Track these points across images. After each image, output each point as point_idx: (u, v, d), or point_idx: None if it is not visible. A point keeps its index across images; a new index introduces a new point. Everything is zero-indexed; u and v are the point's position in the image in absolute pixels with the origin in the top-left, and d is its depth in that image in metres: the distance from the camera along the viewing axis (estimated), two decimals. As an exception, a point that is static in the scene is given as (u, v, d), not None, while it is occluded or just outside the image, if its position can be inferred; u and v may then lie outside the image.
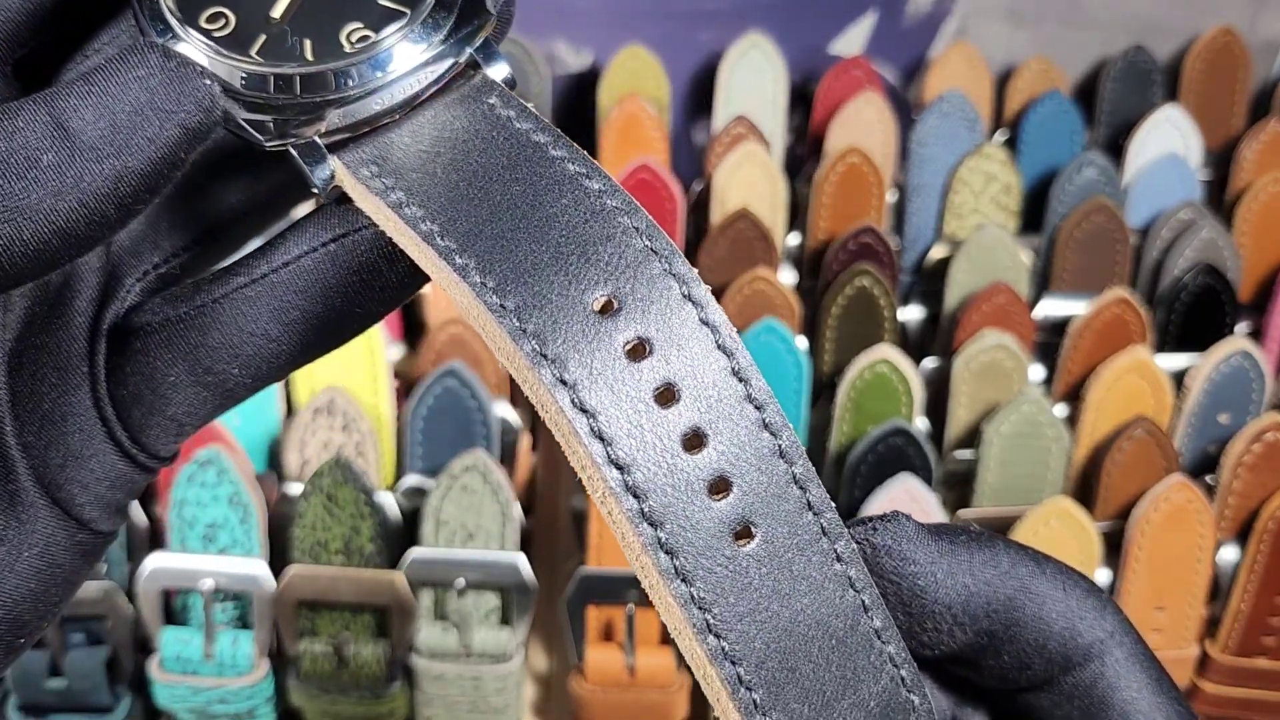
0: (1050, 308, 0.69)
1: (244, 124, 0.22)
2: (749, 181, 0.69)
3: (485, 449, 0.59)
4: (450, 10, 0.23)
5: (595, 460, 0.21)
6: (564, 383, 0.21)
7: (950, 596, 0.23)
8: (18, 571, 0.24)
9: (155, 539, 0.57)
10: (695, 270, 0.22)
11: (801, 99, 0.78)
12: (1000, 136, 0.78)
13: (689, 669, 0.60)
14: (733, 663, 0.21)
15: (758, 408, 0.22)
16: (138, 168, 0.21)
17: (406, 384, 0.63)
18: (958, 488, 0.63)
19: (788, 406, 0.62)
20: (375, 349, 0.61)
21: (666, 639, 0.58)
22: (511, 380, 0.64)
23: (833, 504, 0.22)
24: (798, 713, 0.21)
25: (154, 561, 0.55)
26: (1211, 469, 0.62)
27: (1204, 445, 0.64)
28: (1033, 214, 0.73)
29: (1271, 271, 0.71)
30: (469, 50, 0.23)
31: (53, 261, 0.21)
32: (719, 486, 0.21)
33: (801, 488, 0.22)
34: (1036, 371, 0.67)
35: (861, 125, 0.73)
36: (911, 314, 0.71)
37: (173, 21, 0.23)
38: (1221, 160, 0.77)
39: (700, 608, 0.21)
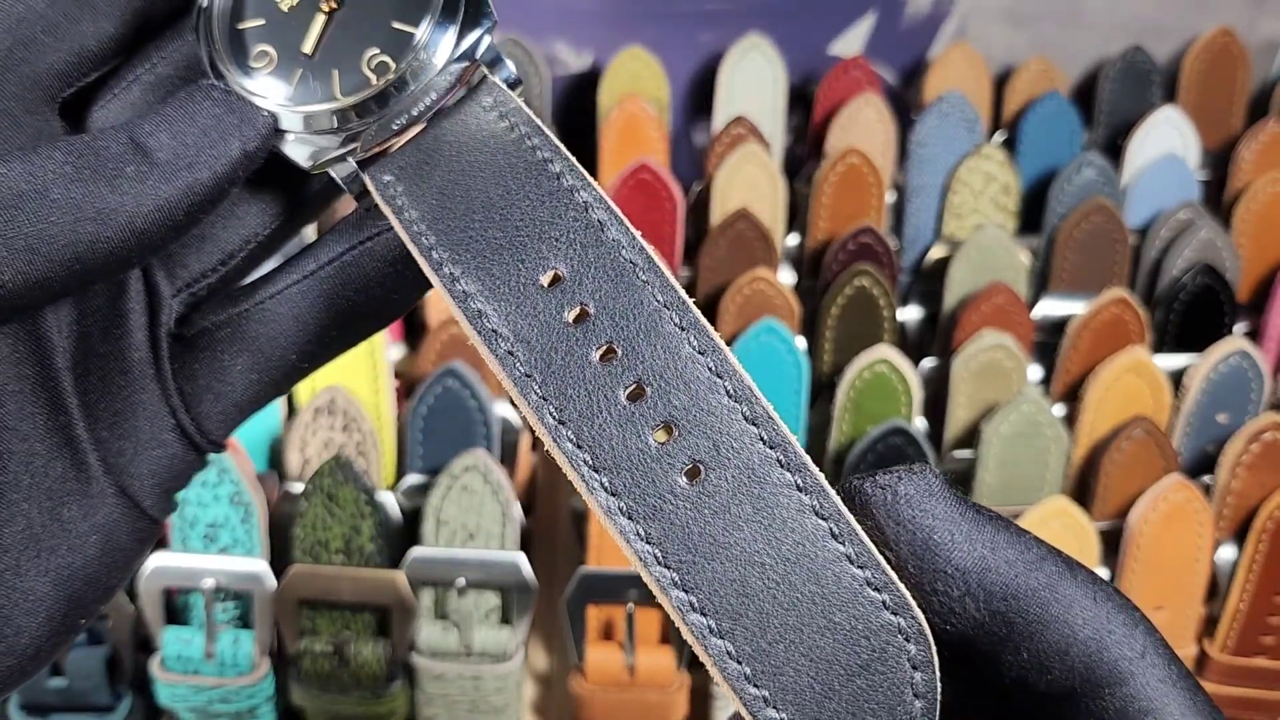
0: (1049, 308, 0.69)
1: (286, 155, 0.26)
2: (749, 182, 0.70)
3: (485, 449, 0.59)
4: (455, 19, 0.26)
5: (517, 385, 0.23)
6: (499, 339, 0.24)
7: (965, 562, 0.23)
8: (85, 555, 0.27)
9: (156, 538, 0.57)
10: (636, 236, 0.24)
11: (801, 99, 0.78)
12: (999, 137, 0.78)
13: (689, 669, 0.61)
14: (684, 591, 0.22)
15: (700, 351, 0.23)
16: (206, 180, 0.24)
17: (407, 384, 0.64)
18: (957, 487, 0.63)
19: (787, 407, 0.62)
20: (376, 349, 0.61)
21: (666, 638, 0.58)
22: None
23: (794, 439, 0.23)
24: (757, 637, 0.22)
25: (155, 561, 0.55)
26: (1210, 469, 0.62)
27: (1202, 445, 0.64)
28: (1032, 214, 0.73)
29: (1270, 272, 0.71)
30: (476, 58, 0.26)
31: (127, 260, 0.24)
32: (665, 429, 0.23)
33: (753, 424, 0.22)
34: (1035, 371, 0.67)
35: (861, 126, 0.73)
36: (911, 314, 0.71)
37: (228, 68, 0.26)
38: (1220, 161, 0.77)
39: (647, 541, 0.22)
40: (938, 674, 0.22)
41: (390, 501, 0.58)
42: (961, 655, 0.24)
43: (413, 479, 0.61)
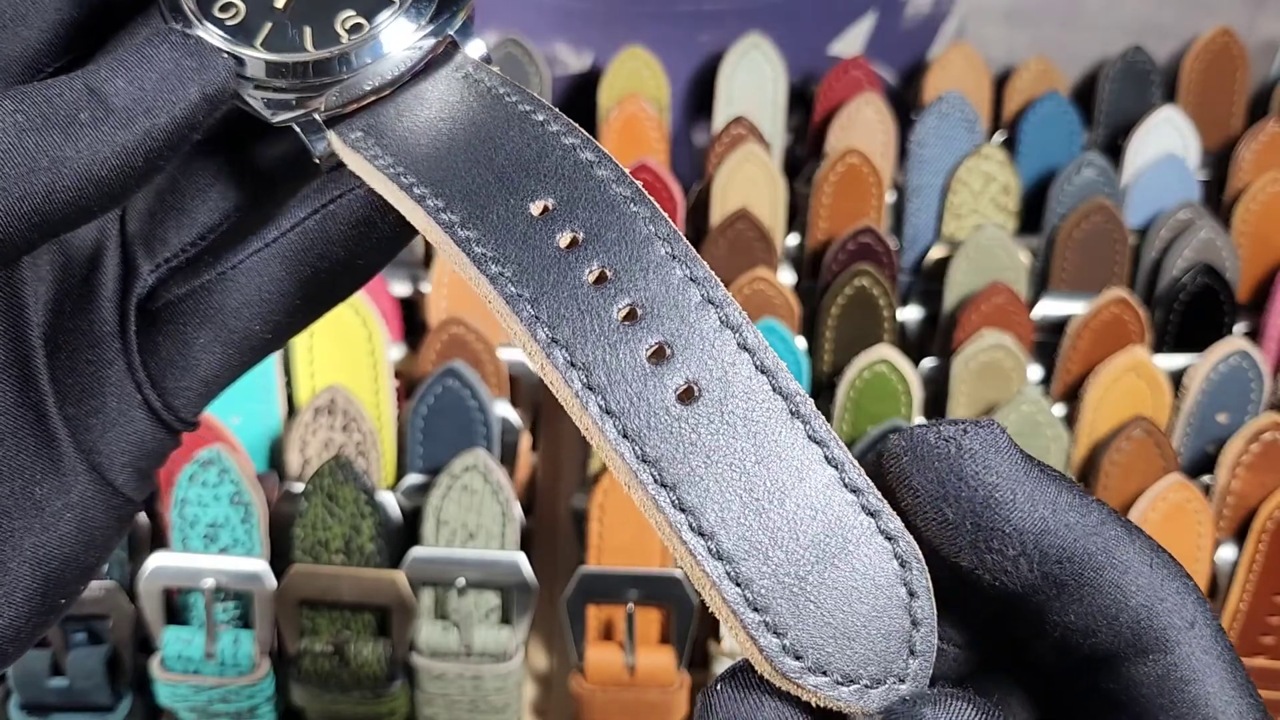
0: (1049, 308, 0.69)
1: (250, 103, 0.25)
2: (749, 182, 0.70)
3: (485, 449, 0.59)
4: None
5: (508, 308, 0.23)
6: (493, 267, 0.23)
7: (1025, 523, 0.22)
8: (61, 533, 0.26)
9: (157, 538, 0.57)
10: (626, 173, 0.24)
11: (801, 99, 0.78)
12: (999, 137, 0.78)
13: (689, 669, 0.60)
14: (682, 511, 0.22)
15: (692, 279, 0.23)
16: (164, 126, 0.23)
17: (407, 384, 0.64)
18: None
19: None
20: (376, 349, 0.61)
21: (666, 638, 0.58)
22: (512, 380, 0.64)
23: (785, 366, 0.22)
24: (756, 559, 0.21)
25: (155, 561, 0.55)
26: (1210, 468, 0.62)
27: (1202, 445, 0.64)
28: (1032, 214, 0.73)
29: (1269, 271, 0.71)
30: (450, 31, 0.26)
31: (88, 209, 0.23)
32: (657, 350, 0.22)
33: (747, 350, 0.22)
34: (1035, 371, 0.67)
35: (861, 126, 0.73)
36: (911, 314, 0.71)
37: (190, 13, 0.25)
38: (1220, 161, 0.77)
39: (643, 460, 0.22)
40: (933, 600, 0.22)
41: (390, 501, 0.58)
42: (1003, 611, 0.23)
43: (413, 479, 0.61)
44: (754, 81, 0.75)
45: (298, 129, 0.26)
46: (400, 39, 0.25)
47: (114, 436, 0.27)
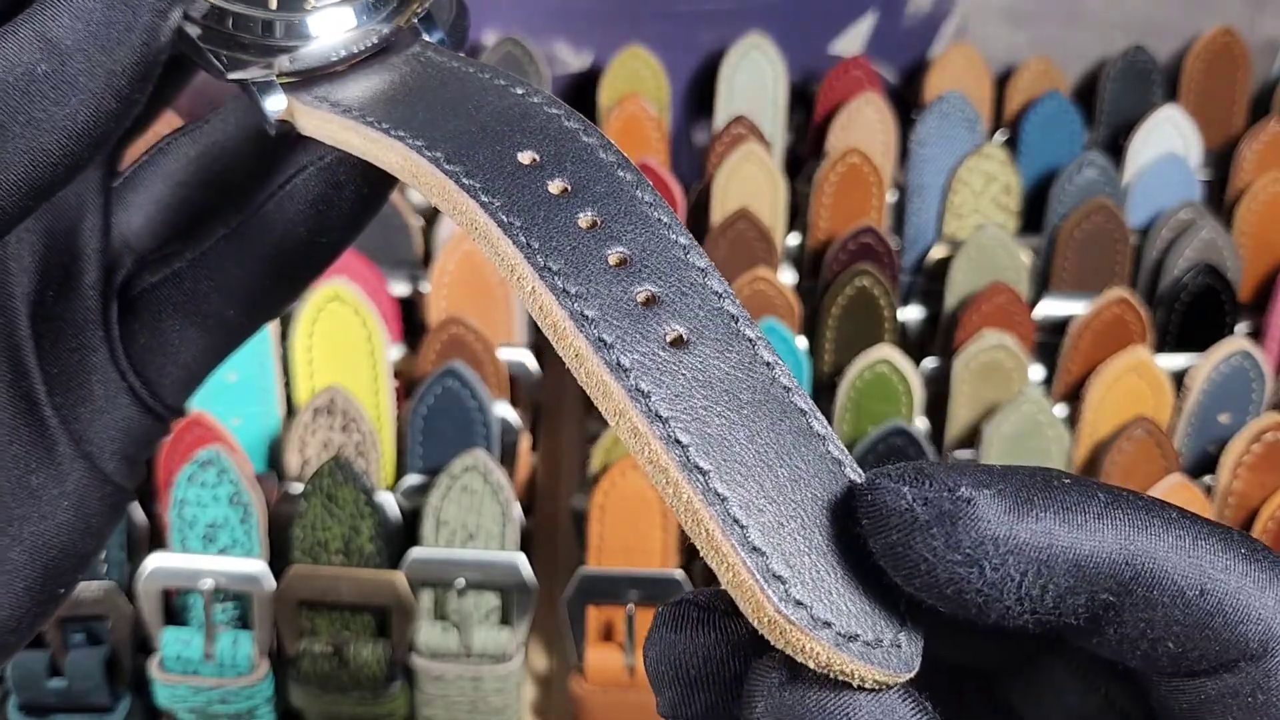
0: (1050, 308, 0.69)
1: (205, 53, 0.25)
2: (749, 181, 0.69)
3: (485, 449, 0.59)
4: None
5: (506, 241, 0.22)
6: (486, 202, 0.23)
7: (1001, 589, 0.19)
8: (58, 521, 0.27)
9: (155, 539, 0.57)
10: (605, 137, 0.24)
11: (801, 99, 0.78)
12: (1000, 136, 0.78)
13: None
14: (668, 433, 0.21)
15: (685, 250, 0.23)
16: (124, 58, 0.22)
17: (406, 384, 0.63)
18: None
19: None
20: (376, 349, 0.61)
21: (666, 639, 0.58)
22: (512, 380, 0.64)
23: (747, 313, 0.23)
24: (741, 484, 0.21)
25: (154, 561, 0.55)
26: (1211, 469, 0.62)
27: (1204, 445, 0.64)
28: (1033, 214, 0.73)
29: (1271, 271, 0.71)
30: (414, 17, 0.26)
31: (76, 163, 0.23)
32: (649, 301, 0.22)
33: (720, 296, 0.23)
34: (1036, 371, 0.67)
35: (861, 125, 0.73)
36: (911, 314, 0.71)
37: None
38: (1221, 160, 0.77)
39: (640, 394, 0.21)
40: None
41: (390, 502, 0.58)
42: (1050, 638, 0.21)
43: (412, 479, 0.60)
44: (754, 81, 0.75)
45: (253, 88, 0.25)
46: (363, 16, 0.25)
47: (102, 424, 0.27)
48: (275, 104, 0.25)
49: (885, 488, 0.20)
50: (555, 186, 0.23)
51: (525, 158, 0.23)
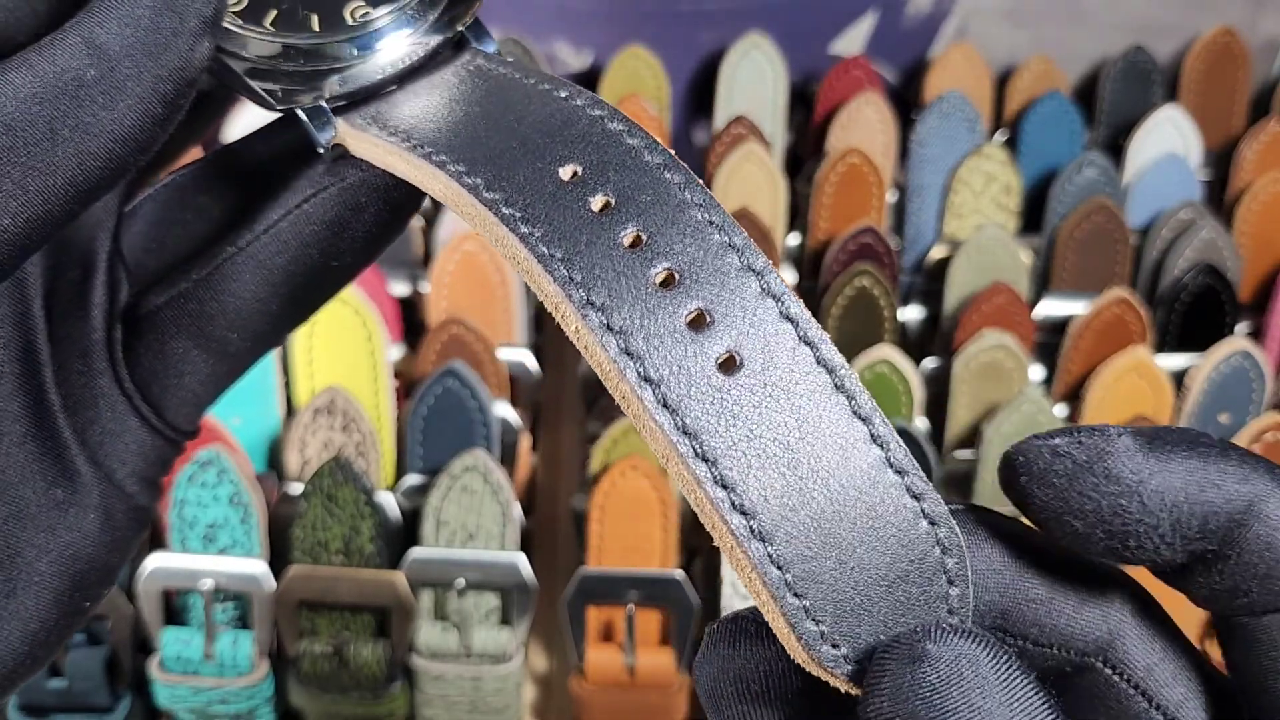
0: (1050, 308, 0.69)
1: (254, 89, 0.25)
2: (749, 181, 0.69)
3: (485, 449, 0.59)
4: None
5: (547, 274, 0.22)
6: (527, 231, 0.22)
7: (1156, 517, 0.21)
8: (83, 532, 0.26)
9: (155, 539, 0.57)
10: (660, 144, 0.23)
11: (801, 99, 0.78)
12: (1000, 136, 0.78)
13: (690, 670, 0.60)
14: (724, 488, 0.20)
15: (732, 246, 0.22)
16: (171, 63, 0.22)
17: (407, 384, 0.63)
18: (958, 488, 0.63)
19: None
20: (376, 349, 0.61)
21: (667, 639, 0.58)
22: (512, 381, 0.64)
23: (827, 339, 0.21)
24: (797, 541, 0.20)
25: (154, 561, 0.55)
26: (1212, 469, 0.62)
27: (1204, 445, 0.64)
28: (1033, 214, 0.73)
29: (1271, 271, 0.71)
30: (459, 28, 0.26)
31: (122, 167, 0.23)
32: (698, 317, 0.21)
33: (791, 321, 0.21)
34: (1036, 371, 0.67)
35: (861, 125, 0.73)
36: (911, 314, 0.71)
37: None
38: (1221, 160, 0.77)
39: (684, 432, 0.21)
40: (971, 589, 0.21)
41: (390, 502, 0.58)
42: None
43: (412, 479, 0.60)
44: (754, 81, 0.75)
45: (303, 115, 0.25)
46: (406, 32, 0.25)
47: (114, 446, 0.27)
48: (326, 133, 0.25)
49: (1039, 445, 0.22)
50: (598, 202, 0.22)
51: (566, 172, 0.22)
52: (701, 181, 0.22)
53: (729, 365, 0.21)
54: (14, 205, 0.22)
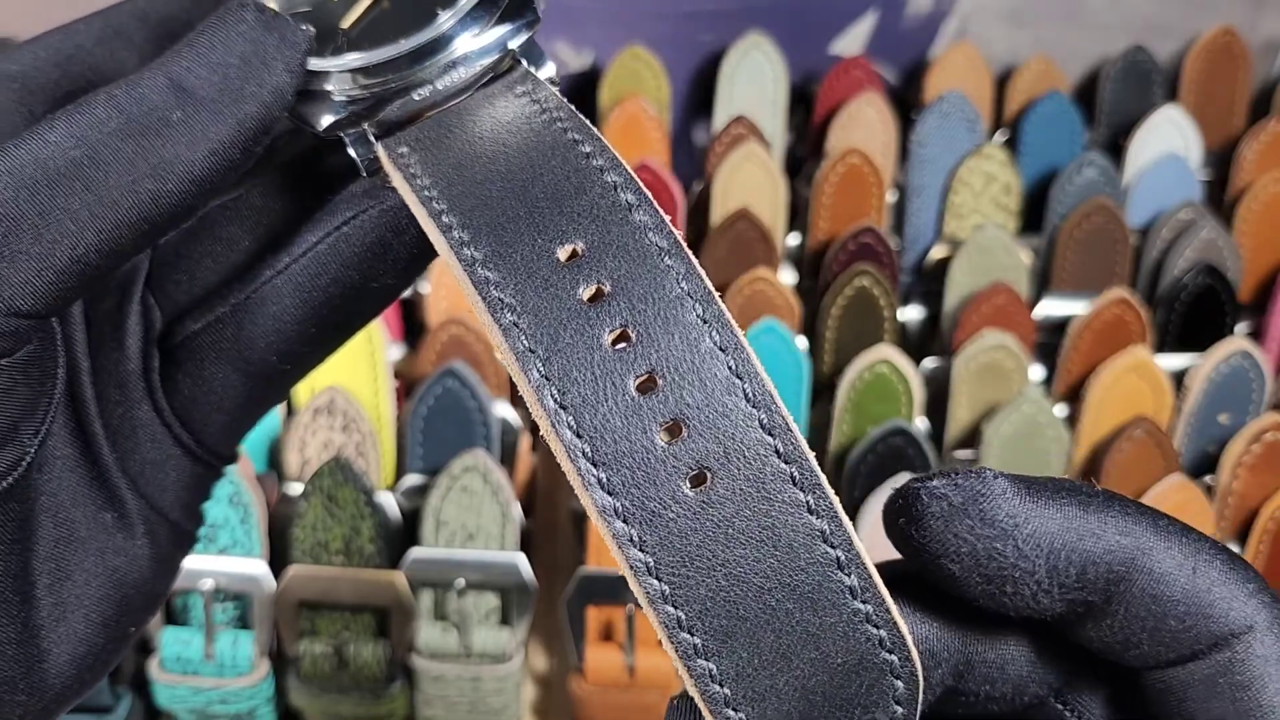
0: (1050, 308, 0.69)
1: (303, 115, 0.25)
2: (749, 181, 0.69)
3: (485, 449, 0.59)
4: (493, 10, 0.25)
5: (531, 385, 0.22)
6: (516, 326, 0.22)
7: (1032, 562, 0.21)
8: (131, 556, 0.26)
9: (155, 539, 0.57)
10: (664, 222, 0.23)
11: (802, 99, 0.78)
12: (1000, 136, 0.78)
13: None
14: (674, 606, 0.21)
15: (721, 348, 0.21)
16: (254, 112, 0.23)
17: (407, 384, 0.63)
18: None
19: (788, 408, 0.62)
20: (376, 349, 0.61)
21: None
22: (512, 380, 0.64)
23: (811, 455, 0.21)
24: (744, 663, 0.21)
25: (154, 562, 0.55)
26: (1211, 469, 0.62)
27: (1204, 445, 0.64)
28: (1033, 214, 0.73)
29: (1272, 271, 0.71)
30: (512, 47, 0.25)
31: (192, 208, 0.23)
32: (673, 428, 0.21)
33: (769, 433, 0.21)
34: (1036, 372, 0.67)
35: (861, 125, 0.73)
36: (911, 314, 0.71)
37: None
38: (1222, 160, 0.77)
39: (641, 549, 0.21)
40: (919, 684, 0.21)
41: (390, 502, 0.58)
42: (1051, 636, 0.23)
43: (412, 479, 0.60)
44: (754, 81, 0.75)
45: (347, 140, 0.25)
46: (459, 52, 0.25)
47: (155, 475, 0.27)
48: (368, 155, 0.25)
49: (916, 487, 0.22)
50: (590, 290, 0.22)
51: (565, 252, 0.22)
52: (702, 271, 0.22)
53: (699, 480, 0.21)
54: (88, 236, 0.22)
